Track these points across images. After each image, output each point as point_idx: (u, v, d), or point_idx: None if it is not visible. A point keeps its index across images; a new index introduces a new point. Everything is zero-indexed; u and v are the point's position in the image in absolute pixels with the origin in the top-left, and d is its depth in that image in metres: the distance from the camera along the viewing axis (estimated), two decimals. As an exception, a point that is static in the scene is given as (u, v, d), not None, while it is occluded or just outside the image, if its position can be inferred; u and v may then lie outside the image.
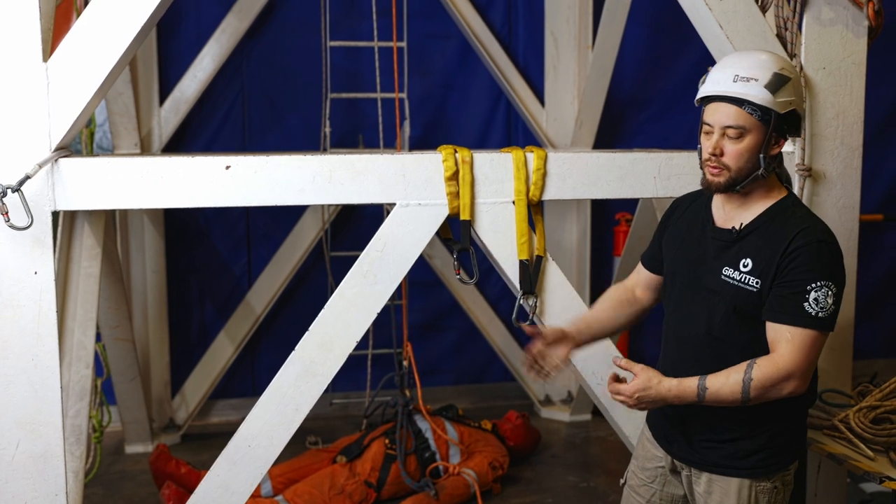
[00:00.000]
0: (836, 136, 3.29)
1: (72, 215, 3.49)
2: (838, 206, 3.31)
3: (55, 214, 2.88)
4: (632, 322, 2.77)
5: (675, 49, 5.62)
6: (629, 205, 5.56)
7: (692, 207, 2.59)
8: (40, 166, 2.72)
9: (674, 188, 3.24)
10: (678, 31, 4.65)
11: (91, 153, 4.66)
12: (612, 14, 5.06)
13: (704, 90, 2.38)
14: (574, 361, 3.22)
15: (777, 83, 2.29)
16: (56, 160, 2.81)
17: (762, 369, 2.25)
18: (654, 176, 3.22)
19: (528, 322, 3.19)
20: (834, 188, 3.30)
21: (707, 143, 2.36)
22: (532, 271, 3.15)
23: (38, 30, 2.75)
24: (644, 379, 2.32)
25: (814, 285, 2.23)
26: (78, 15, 3.46)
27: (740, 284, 2.34)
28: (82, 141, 4.57)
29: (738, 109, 2.30)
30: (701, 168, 2.42)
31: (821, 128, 3.27)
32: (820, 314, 2.24)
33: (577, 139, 5.47)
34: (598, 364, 3.23)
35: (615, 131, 5.79)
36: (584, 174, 3.19)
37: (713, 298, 2.39)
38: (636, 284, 2.76)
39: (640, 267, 2.76)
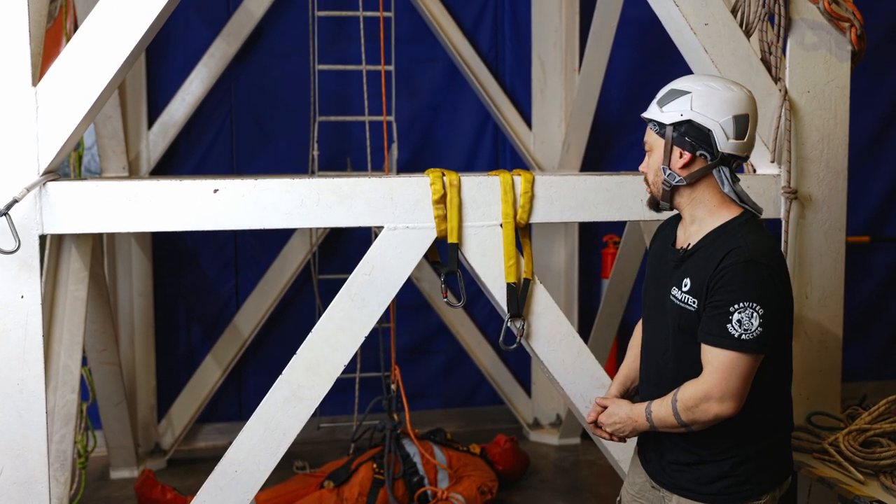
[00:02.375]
0: (821, 158, 3.31)
1: (59, 239, 3.48)
2: (825, 228, 3.33)
3: (42, 238, 2.87)
4: None
5: (661, 73, 5.61)
6: (617, 227, 5.58)
7: (667, 228, 2.62)
8: (28, 190, 2.71)
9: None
10: (664, 54, 4.69)
11: (79, 176, 4.65)
12: (599, 38, 5.10)
13: None
14: (562, 384, 3.23)
15: (668, 98, 2.39)
16: (44, 184, 2.80)
17: (685, 390, 2.29)
18: (640, 198, 3.23)
19: (514, 345, 3.19)
20: (820, 211, 3.32)
21: None
22: (519, 294, 3.14)
23: (27, 54, 2.75)
24: (611, 408, 2.48)
25: (737, 306, 2.21)
26: (67, 39, 3.46)
27: (681, 304, 2.36)
28: (70, 164, 4.56)
29: (648, 128, 2.46)
30: None
31: (806, 151, 3.30)
32: (743, 336, 2.21)
33: (564, 162, 5.50)
34: (587, 388, 3.23)
35: (602, 154, 5.82)
36: (572, 197, 3.20)
37: (666, 318, 2.43)
38: None
39: None
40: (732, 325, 2.21)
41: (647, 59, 5.72)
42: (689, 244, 2.42)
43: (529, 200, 3.14)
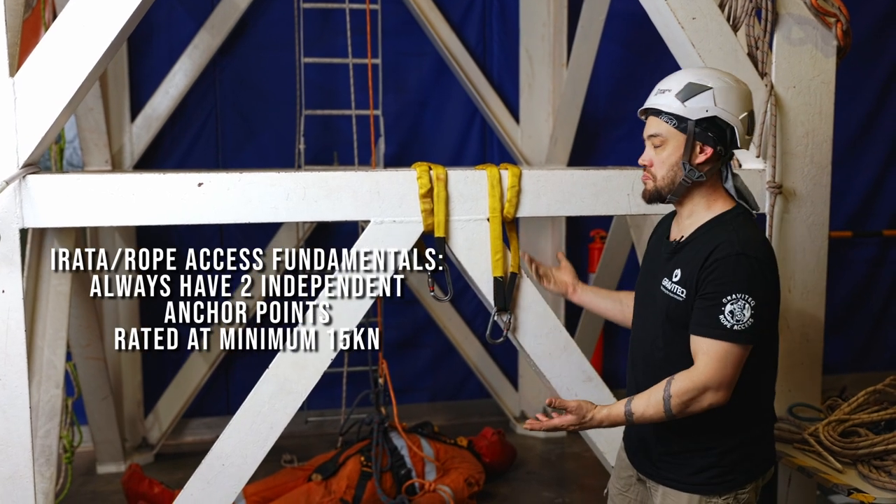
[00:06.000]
0: (805, 154, 3.33)
1: (41, 232, 3.45)
2: (808, 223, 3.35)
3: (23, 232, 2.84)
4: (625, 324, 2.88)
5: (648, 68, 5.66)
6: (604, 221, 5.58)
7: (665, 224, 2.64)
8: (7, 183, 2.68)
9: (647, 205, 3.26)
10: (652, 49, 4.69)
11: (61, 170, 4.62)
12: (587, 32, 5.10)
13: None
14: (548, 378, 3.23)
15: (689, 92, 2.36)
16: (24, 177, 2.77)
17: (679, 384, 2.29)
18: (627, 193, 3.24)
19: (501, 339, 3.19)
20: (804, 205, 3.34)
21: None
22: (506, 288, 3.14)
23: (3, 44, 2.72)
24: (577, 416, 2.36)
25: (729, 298, 2.25)
26: (46, 29, 3.43)
27: (671, 294, 2.39)
28: (52, 157, 4.53)
29: (656, 119, 2.42)
30: None
31: (791, 146, 3.31)
32: (735, 327, 2.25)
33: (551, 156, 5.50)
34: (573, 381, 3.23)
35: (590, 148, 5.82)
36: (559, 191, 3.20)
37: (655, 309, 2.46)
38: None
39: None
40: (725, 316, 2.25)
41: (635, 53, 5.72)
42: (683, 236, 2.45)
43: (516, 195, 3.14)
